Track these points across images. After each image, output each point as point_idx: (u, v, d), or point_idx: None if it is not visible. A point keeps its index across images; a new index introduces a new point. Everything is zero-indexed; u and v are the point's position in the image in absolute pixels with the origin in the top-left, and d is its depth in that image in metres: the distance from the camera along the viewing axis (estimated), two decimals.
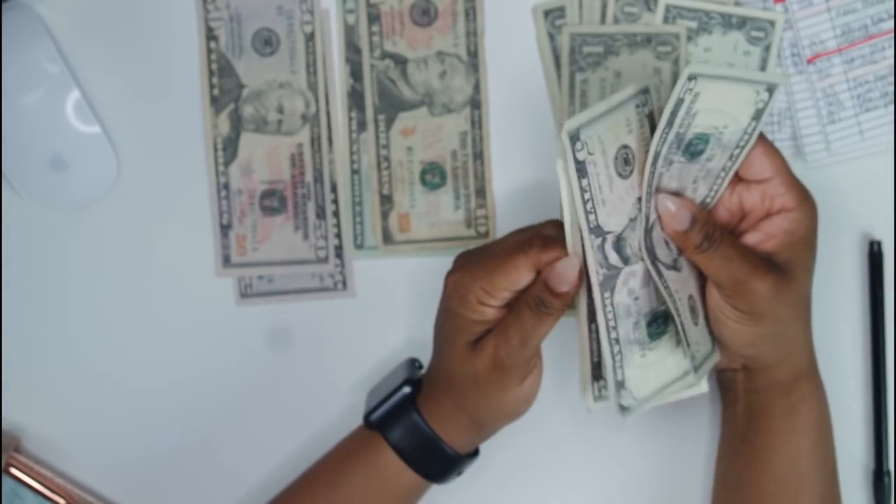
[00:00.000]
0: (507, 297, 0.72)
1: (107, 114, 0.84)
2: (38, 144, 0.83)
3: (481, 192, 0.84)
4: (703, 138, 0.68)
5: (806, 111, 0.80)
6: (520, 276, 0.71)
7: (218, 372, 0.86)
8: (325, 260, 0.84)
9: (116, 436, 0.86)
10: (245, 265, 0.84)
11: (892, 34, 0.79)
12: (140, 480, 0.86)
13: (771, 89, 0.66)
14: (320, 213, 0.83)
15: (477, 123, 0.83)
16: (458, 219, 0.84)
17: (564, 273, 0.70)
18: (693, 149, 0.69)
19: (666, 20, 0.80)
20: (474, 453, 0.79)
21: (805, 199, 0.72)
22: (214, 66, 0.83)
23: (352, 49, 0.83)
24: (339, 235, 0.84)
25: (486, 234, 0.84)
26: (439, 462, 0.77)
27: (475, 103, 0.83)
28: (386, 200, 0.84)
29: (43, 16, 0.83)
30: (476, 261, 0.73)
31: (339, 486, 0.78)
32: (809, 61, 0.80)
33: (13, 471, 0.85)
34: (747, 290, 0.70)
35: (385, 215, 0.84)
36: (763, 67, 0.80)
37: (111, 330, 0.86)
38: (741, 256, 0.70)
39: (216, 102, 0.83)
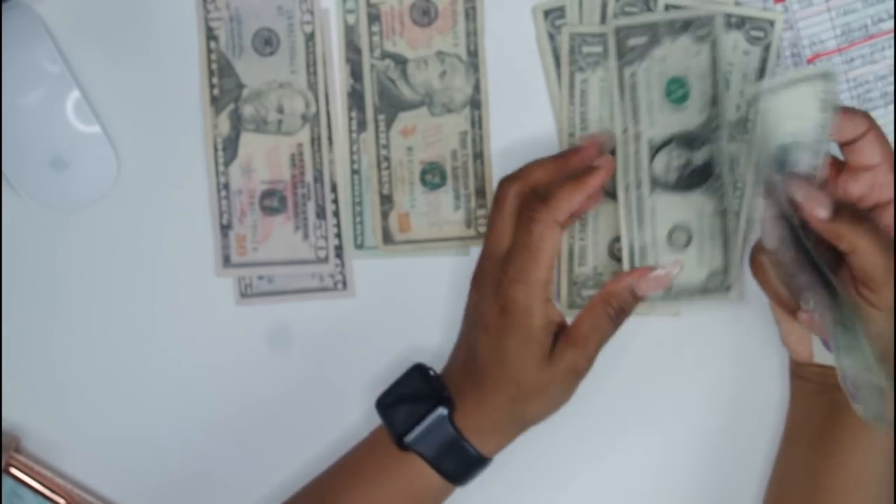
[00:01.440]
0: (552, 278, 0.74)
1: (107, 114, 0.84)
2: (38, 144, 0.83)
3: (481, 192, 0.84)
4: (785, 149, 0.69)
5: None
6: (553, 253, 0.73)
7: (218, 372, 0.85)
8: (325, 260, 0.84)
9: (116, 436, 0.86)
10: (245, 265, 0.84)
11: (892, 34, 0.79)
12: (140, 480, 0.86)
13: (827, 78, 0.67)
14: (320, 213, 0.83)
15: (477, 123, 0.83)
16: (458, 219, 0.84)
17: (657, 284, 0.75)
18: (782, 159, 0.70)
19: (650, 35, 0.79)
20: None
21: None
22: (214, 66, 0.83)
23: (352, 49, 0.83)
24: (339, 235, 0.84)
25: None
26: (474, 470, 0.77)
27: (475, 103, 0.83)
28: (386, 200, 0.84)
29: (43, 16, 0.82)
30: (515, 268, 0.74)
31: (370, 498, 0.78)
32: (809, 61, 0.80)
33: (13, 471, 0.85)
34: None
35: (385, 215, 0.84)
36: (763, 67, 0.80)
37: (111, 330, 0.85)
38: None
39: (216, 102, 0.83)
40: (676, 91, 0.79)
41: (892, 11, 0.79)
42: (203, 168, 0.84)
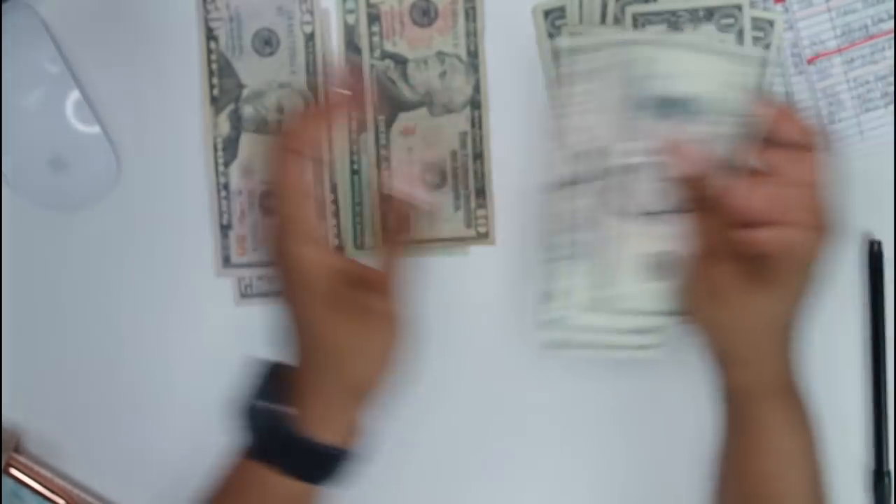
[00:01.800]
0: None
1: (107, 114, 0.84)
2: (38, 144, 0.83)
3: (481, 192, 0.84)
4: (675, 102, 0.72)
5: (806, 111, 0.80)
6: (296, 183, 0.70)
7: (218, 372, 0.85)
8: None
9: (116, 436, 0.86)
10: (245, 265, 0.84)
11: (893, 34, 0.79)
12: (140, 480, 0.86)
13: (753, 63, 0.69)
14: (320, 214, 0.83)
15: (477, 123, 0.83)
16: (458, 219, 0.84)
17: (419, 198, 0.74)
18: (668, 110, 0.72)
19: (669, 24, 0.79)
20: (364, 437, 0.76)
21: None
22: (214, 66, 0.83)
23: (352, 49, 0.83)
24: (338, 235, 0.84)
25: (486, 234, 0.84)
26: (332, 465, 0.73)
27: (475, 103, 0.83)
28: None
29: (43, 16, 0.83)
30: (275, 216, 0.71)
31: None
32: (810, 61, 0.79)
33: (13, 471, 0.85)
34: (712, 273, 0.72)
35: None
36: (764, 66, 0.80)
37: (111, 330, 0.86)
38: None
39: (216, 102, 0.83)
40: None
41: (893, 12, 0.78)
42: (203, 168, 0.84)
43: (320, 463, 0.72)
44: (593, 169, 0.74)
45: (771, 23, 0.79)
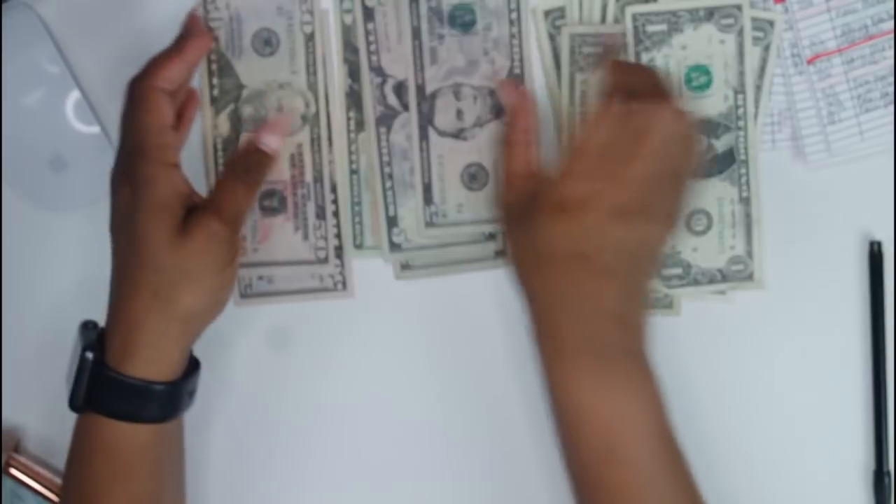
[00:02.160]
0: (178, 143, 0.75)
1: (107, 114, 0.84)
2: (38, 144, 0.83)
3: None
4: (465, 8, 0.78)
5: (806, 111, 0.80)
6: (160, 115, 0.73)
7: (218, 372, 0.85)
8: (325, 260, 0.84)
9: None
10: (245, 265, 0.84)
11: (893, 35, 0.79)
12: None
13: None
14: (320, 214, 0.83)
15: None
16: None
17: (275, 129, 0.75)
18: (460, 20, 0.78)
19: (669, 24, 0.79)
20: (194, 368, 0.76)
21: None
22: (214, 66, 0.83)
23: (350, 49, 0.83)
24: (338, 236, 0.84)
25: (489, 236, 0.84)
26: (165, 401, 0.73)
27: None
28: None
29: (43, 16, 0.82)
30: (129, 142, 0.74)
31: (87, 488, 0.74)
32: (810, 62, 0.79)
33: (13, 471, 0.85)
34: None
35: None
36: (763, 67, 0.80)
37: None
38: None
39: (216, 103, 0.83)
40: (698, 78, 0.80)
41: (892, 12, 0.78)
42: (203, 168, 0.84)
43: (142, 399, 0.72)
44: (406, 99, 0.79)
45: (771, 23, 0.79)
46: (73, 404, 0.73)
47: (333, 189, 0.83)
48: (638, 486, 0.69)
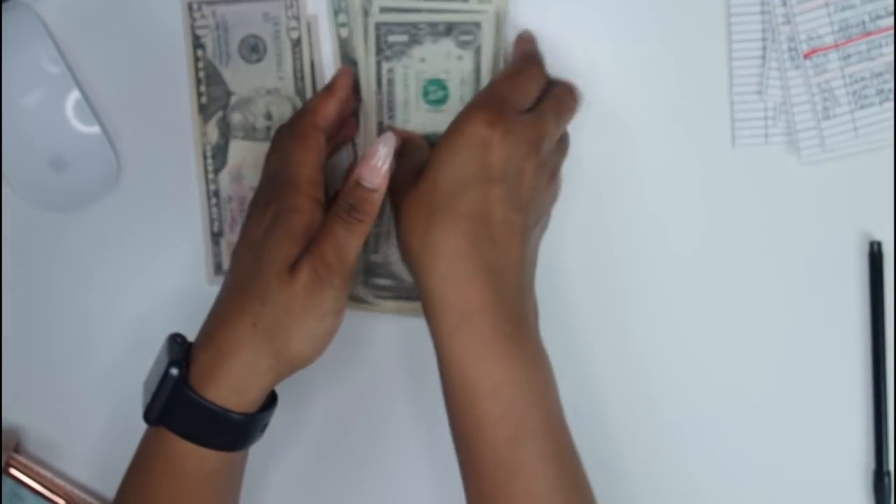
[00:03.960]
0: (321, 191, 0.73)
1: (107, 114, 0.84)
2: (38, 144, 0.83)
3: None
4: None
5: (801, 106, 0.79)
6: (316, 153, 0.74)
7: None
8: None
9: (116, 436, 0.86)
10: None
11: (891, 31, 0.78)
12: None
13: None
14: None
15: None
16: None
17: (376, 167, 0.72)
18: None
19: (410, 34, 0.79)
20: (271, 402, 0.75)
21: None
22: (202, 74, 0.83)
23: (347, 61, 0.82)
24: None
25: None
26: (239, 431, 0.72)
27: None
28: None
29: (43, 16, 0.83)
30: (284, 175, 0.73)
31: (146, 499, 0.73)
32: (806, 56, 0.79)
33: (13, 471, 0.85)
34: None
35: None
36: (477, 70, 0.80)
37: (110, 330, 0.86)
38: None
39: (204, 110, 0.83)
40: (435, 92, 0.80)
41: (890, 9, 0.78)
42: (195, 175, 0.84)
43: (223, 428, 0.71)
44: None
45: (477, 24, 0.79)
46: (149, 417, 0.71)
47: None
48: (542, 463, 0.69)
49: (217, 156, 0.83)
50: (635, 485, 0.84)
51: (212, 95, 0.83)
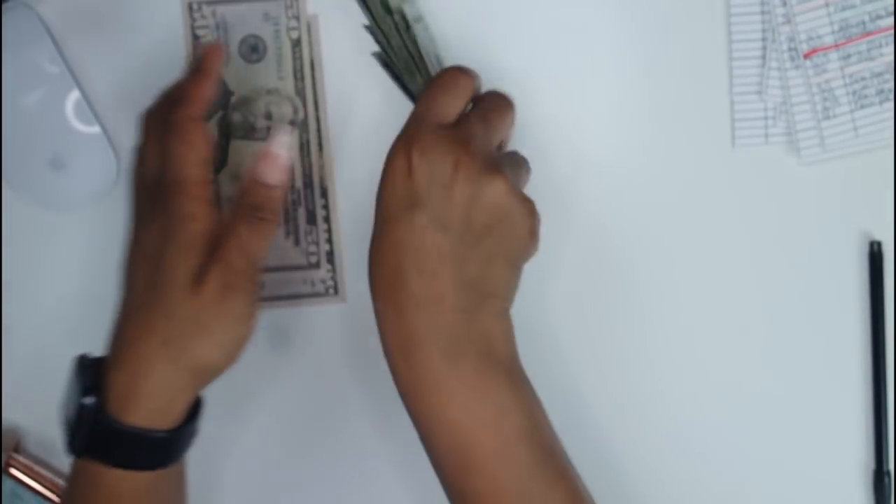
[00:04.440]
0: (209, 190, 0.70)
1: (107, 114, 0.84)
2: (38, 144, 0.83)
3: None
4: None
5: (801, 106, 0.79)
6: (202, 148, 0.70)
7: None
8: (317, 265, 0.83)
9: None
10: None
11: (891, 31, 0.79)
12: None
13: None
14: (311, 219, 0.83)
15: None
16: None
17: (276, 162, 0.70)
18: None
19: None
20: (198, 409, 0.72)
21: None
22: None
23: None
24: (330, 241, 0.83)
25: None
26: (166, 448, 0.70)
27: None
28: None
29: (43, 16, 0.83)
30: (169, 176, 0.69)
31: None
32: (806, 56, 0.79)
33: (13, 471, 0.85)
34: None
35: None
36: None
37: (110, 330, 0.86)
38: None
39: None
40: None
41: (890, 9, 0.78)
42: None
43: (139, 447, 0.68)
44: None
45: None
46: (73, 450, 0.69)
47: (324, 194, 0.83)
48: (496, 494, 0.66)
49: (217, 156, 0.83)
50: (635, 485, 0.84)
51: None
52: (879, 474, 0.81)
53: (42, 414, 0.85)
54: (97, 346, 0.84)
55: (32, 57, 0.82)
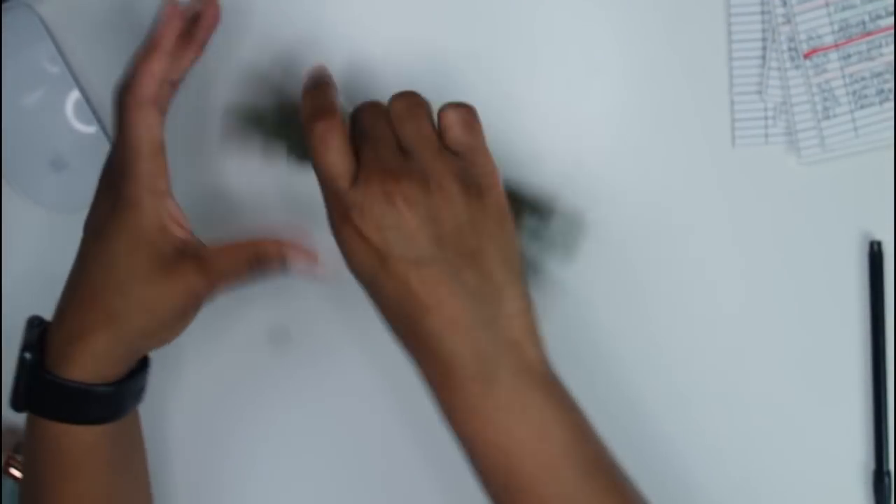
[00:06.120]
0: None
1: (107, 114, 0.84)
2: (38, 144, 0.83)
3: None
4: None
5: (801, 106, 0.79)
6: (152, 136, 0.70)
7: (215, 373, 0.85)
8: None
9: None
10: None
11: (891, 31, 0.79)
12: None
13: None
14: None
15: None
16: None
17: (308, 264, 0.72)
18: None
19: None
20: (143, 366, 0.74)
21: None
22: None
23: None
24: None
25: None
26: (108, 403, 0.71)
27: None
28: None
29: (43, 16, 0.83)
30: (119, 163, 0.70)
31: (34, 487, 0.72)
32: (806, 56, 0.79)
33: (13, 471, 0.85)
34: None
35: None
36: None
37: None
38: None
39: None
40: None
41: (890, 9, 0.78)
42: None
43: (79, 401, 0.70)
44: None
45: None
46: (14, 404, 0.71)
47: None
48: None
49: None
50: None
51: None
52: (879, 474, 0.81)
53: None
54: None
55: (32, 57, 0.82)
